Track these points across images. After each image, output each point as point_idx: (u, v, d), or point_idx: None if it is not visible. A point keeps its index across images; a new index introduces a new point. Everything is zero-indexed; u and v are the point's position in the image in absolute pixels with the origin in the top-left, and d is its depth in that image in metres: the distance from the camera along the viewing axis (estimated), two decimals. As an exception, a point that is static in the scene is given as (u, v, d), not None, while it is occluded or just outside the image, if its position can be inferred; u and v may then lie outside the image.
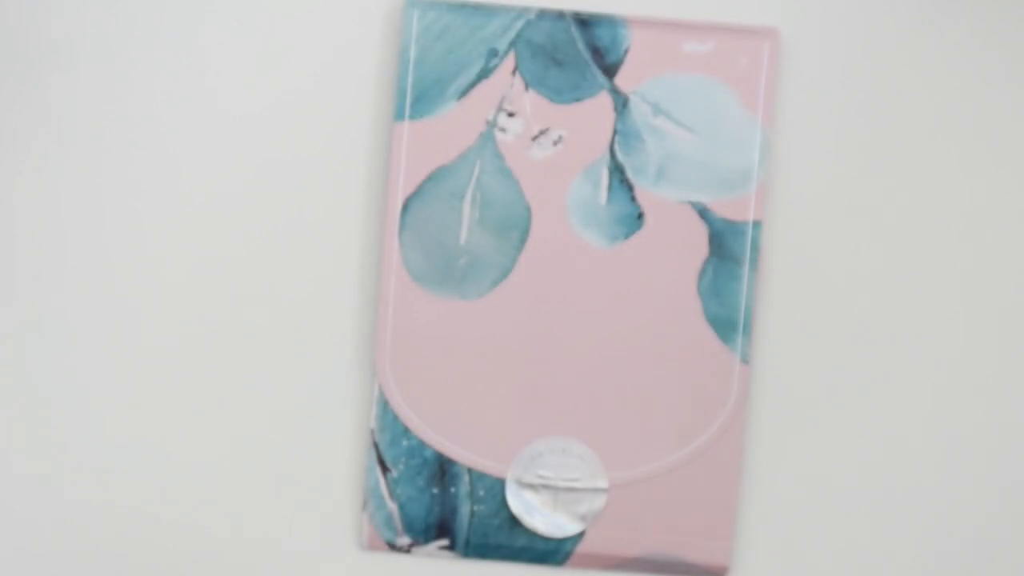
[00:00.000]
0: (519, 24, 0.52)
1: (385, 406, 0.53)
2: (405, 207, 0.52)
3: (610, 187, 0.52)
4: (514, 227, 0.52)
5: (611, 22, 0.52)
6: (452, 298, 0.52)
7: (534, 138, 0.52)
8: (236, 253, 0.54)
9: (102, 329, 0.54)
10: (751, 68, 0.52)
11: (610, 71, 0.52)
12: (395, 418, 0.53)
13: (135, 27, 0.54)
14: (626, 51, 0.52)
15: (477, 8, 0.52)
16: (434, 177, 0.52)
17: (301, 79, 0.53)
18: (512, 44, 0.52)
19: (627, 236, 0.52)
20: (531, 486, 0.52)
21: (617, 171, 0.52)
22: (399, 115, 0.52)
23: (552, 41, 0.52)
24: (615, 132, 0.52)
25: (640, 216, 0.52)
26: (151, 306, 0.54)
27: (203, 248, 0.54)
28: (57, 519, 0.54)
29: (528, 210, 0.52)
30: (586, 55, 0.52)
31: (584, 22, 0.52)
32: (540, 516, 0.52)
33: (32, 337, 0.54)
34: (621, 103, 0.52)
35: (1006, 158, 0.53)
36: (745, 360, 0.52)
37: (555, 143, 0.52)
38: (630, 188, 0.52)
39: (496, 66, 0.52)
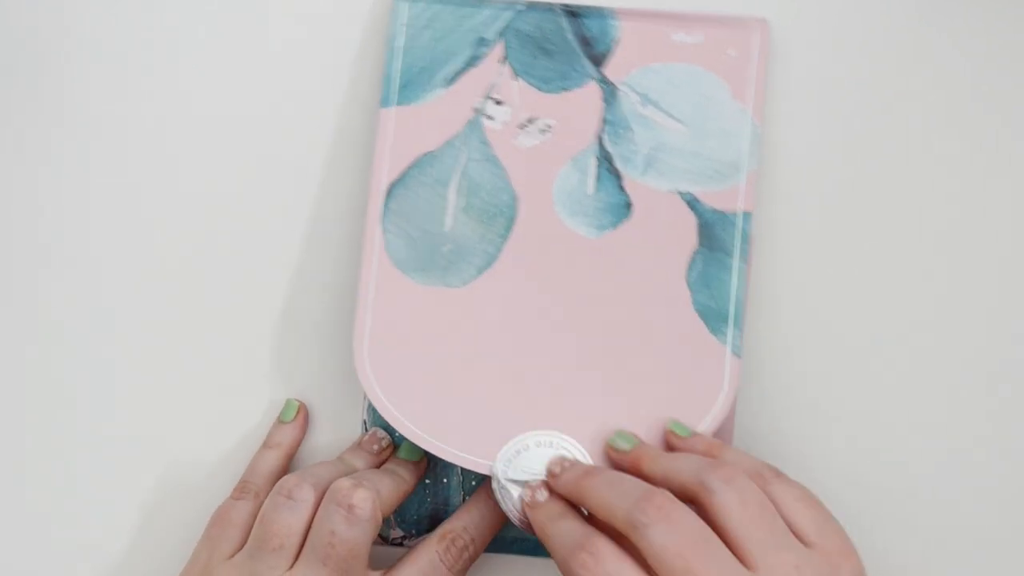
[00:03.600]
0: (508, 14, 0.52)
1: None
2: (389, 193, 0.51)
3: (598, 176, 0.51)
4: (500, 215, 0.51)
5: (600, 13, 0.52)
6: (435, 286, 0.51)
7: (521, 126, 0.51)
8: (221, 240, 0.53)
9: (96, 321, 0.53)
10: (741, 59, 0.52)
11: (599, 60, 0.52)
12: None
13: (131, 21, 0.54)
14: (615, 41, 0.52)
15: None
16: (419, 163, 0.51)
17: (290, 67, 0.53)
18: (501, 34, 0.52)
19: (615, 225, 0.51)
20: (516, 481, 0.50)
21: (605, 160, 0.51)
22: (386, 101, 0.51)
23: (541, 31, 0.52)
24: (603, 122, 0.51)
25: (628, 205, 0.51)
26: (137, 296, 0.53)
27: (187, 237, 0.53)
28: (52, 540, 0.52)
29: (514, 198, 0.51)
30: (575, 45, 0.52)
31: (573, 13, 0.52)
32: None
33: (23, 343, 0.53)
34: (610, 93, 0.51)
35: (997, 150, 0.52)
36: (737, 353, 0.50)
37: (542, 132, 0.51)
38: (618, 177, 0.51)
39: (484, 54, 0.52)
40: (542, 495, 0.47)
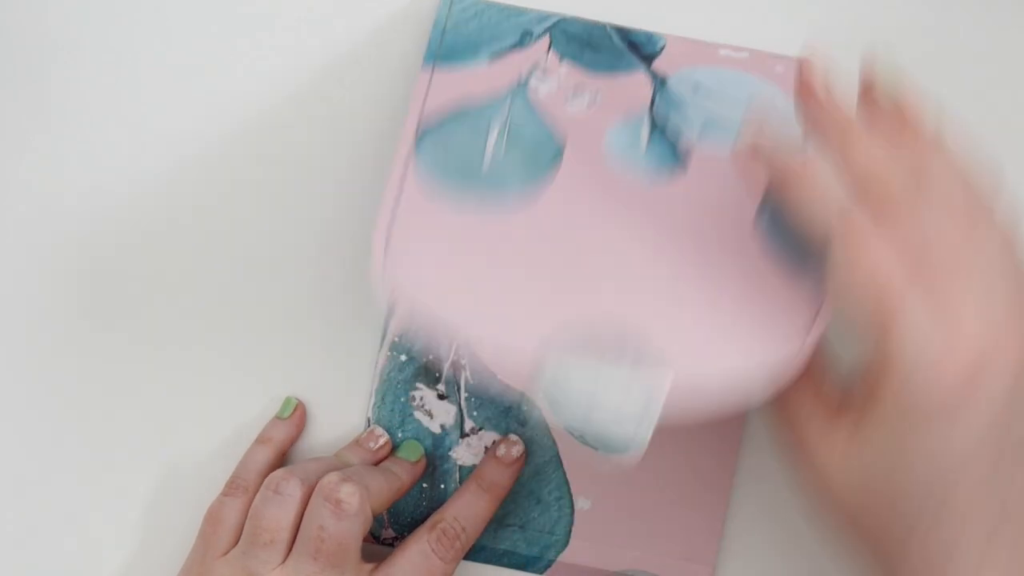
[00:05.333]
0: (554, 19, 0.51)
1: (383, 397, 0.50)
2: (420, 137, 0.47)
3: (650, 140, 0.48)
4: (544, 163, 0.46)
5: (647, 32, 0.52)
6: (469, 214, 0.44)
7: (568, 97, 0.49)
8: (225, 237, 0.52)
9: (96, 318, 0.52)
10: (788, 76, 0.51)
11: (646, 60, 0.50)
12: (391, 410, 0.50)
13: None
14: (662, 48, 0.51)
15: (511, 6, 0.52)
16: (456, 117, 0.48)
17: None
18: (547, 31, 0.51)
19: (670, 177, 0.46)
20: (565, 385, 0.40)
21: (658, 129, 0.48)
22: (427, 61, 0.49)
23: (588, 33, 0.51)
24: (654, 100, 0.49)
25: (684, 164, 0.47)
26: (140, 293, 0.52)
27: (188, 235, 0.52)
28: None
29: (561, 150, 0.47)
30: (622, 46, 0.51)
31: (620, 29, 0.52)
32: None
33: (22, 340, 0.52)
34: (659, 82, 0.50)
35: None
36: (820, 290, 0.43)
37: (592, 100, 0.49)
38: (673, 141, 0.48)
39: (530, 43, 0.50)
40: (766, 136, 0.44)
